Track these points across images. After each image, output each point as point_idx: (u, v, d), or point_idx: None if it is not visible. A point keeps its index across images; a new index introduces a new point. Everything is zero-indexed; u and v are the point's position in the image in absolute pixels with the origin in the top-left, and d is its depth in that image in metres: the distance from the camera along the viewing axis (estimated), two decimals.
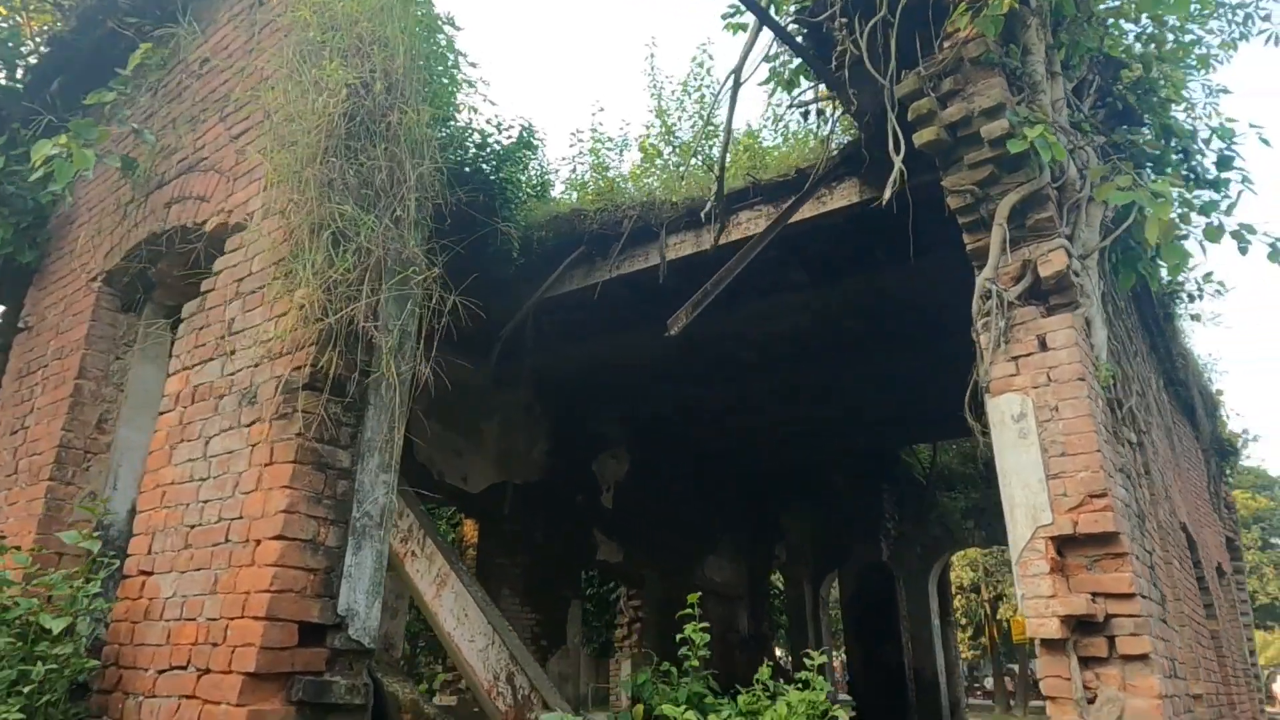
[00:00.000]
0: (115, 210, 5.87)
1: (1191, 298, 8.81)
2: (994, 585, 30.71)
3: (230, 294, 4.52)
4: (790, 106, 7.23)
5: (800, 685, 4.40)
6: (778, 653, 19.74)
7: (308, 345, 3.84)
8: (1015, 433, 4.48)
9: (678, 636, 4.38)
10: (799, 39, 5.14)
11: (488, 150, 6.44)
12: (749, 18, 5.49)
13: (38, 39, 7.02)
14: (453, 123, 6.06)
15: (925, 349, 9.35)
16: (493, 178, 6.29)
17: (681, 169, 9.74)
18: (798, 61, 5.71)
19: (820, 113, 6.75)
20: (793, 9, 5.14)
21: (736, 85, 5.67)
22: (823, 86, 5.99)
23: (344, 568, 3.76)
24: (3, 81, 6.88)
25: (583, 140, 9.92)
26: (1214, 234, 4.62)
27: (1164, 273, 5.68)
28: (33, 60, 6.92)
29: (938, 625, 15.67)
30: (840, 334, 9.02)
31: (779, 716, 3.79)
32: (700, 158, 10.34)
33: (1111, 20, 5.66)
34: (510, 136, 6.80)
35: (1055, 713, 4.09)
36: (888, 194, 4.94)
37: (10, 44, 6.96)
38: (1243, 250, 4.65)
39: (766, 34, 5.44)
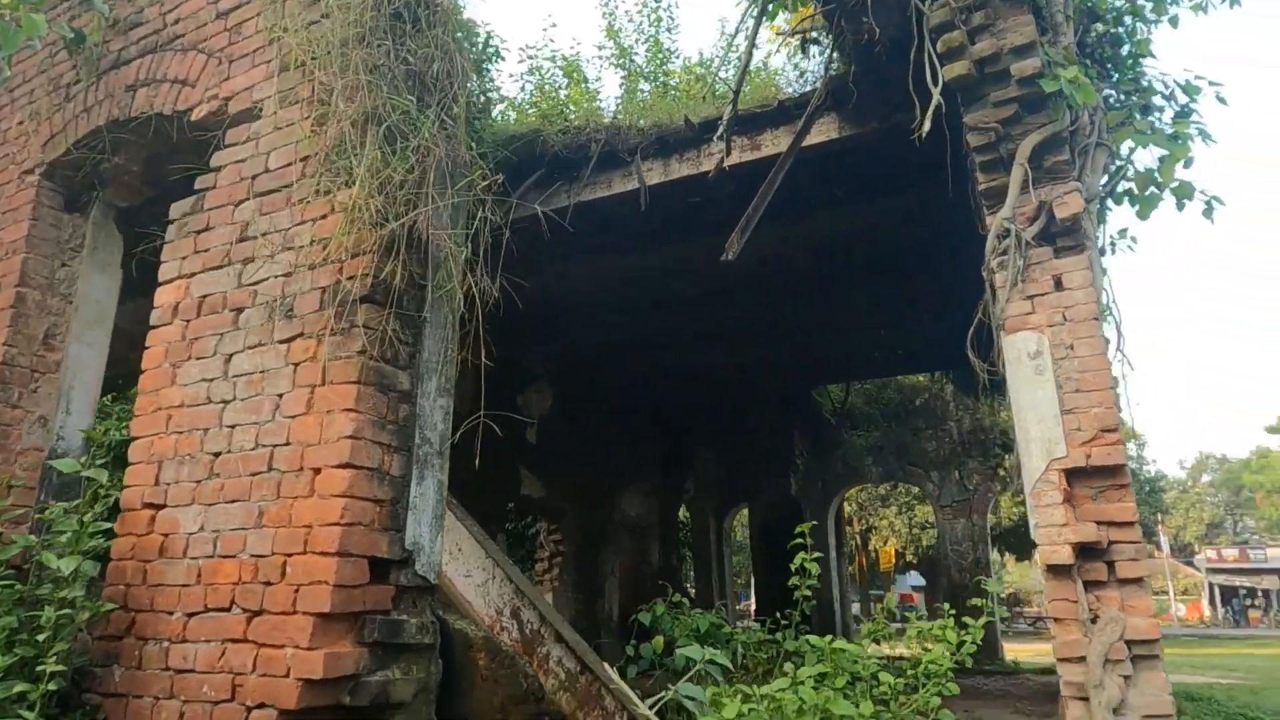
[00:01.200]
0: (54, 92, 5.05)
1: (1103, 251, 9.34)
2: (865, 519, 32.52)
3: (239, 194, 3.97)
4: (783, 34, 7.05)
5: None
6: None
7: (365, 253, 3.41)
8: (1031, 369, 4.58)
9: (793, 564, 4.23)
10: None
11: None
12: None
13: None
14: None
15: (864, 291, 9.55)
16: None
17: (644, 94, 9.40)
18: None
19: (806, 45, 6.64)
20: None
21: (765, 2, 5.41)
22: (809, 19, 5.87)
23: (409, 499, 3.43)
24: None
25: (534, 58, 9.38)
26: (1187, 190, 4.82)
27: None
28: None
29: (835, 556, 16.45)
30: (788, 273, 9.03)
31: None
32: (658, 83, 10.01)
33: None
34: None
35: (1061, 633, 4.27)
36: (926, 125, 4.87)
37: None
38: (1180, 207, 4.90)
39: None
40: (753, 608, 19.79)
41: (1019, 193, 4.58)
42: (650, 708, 2.35)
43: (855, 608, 41.52)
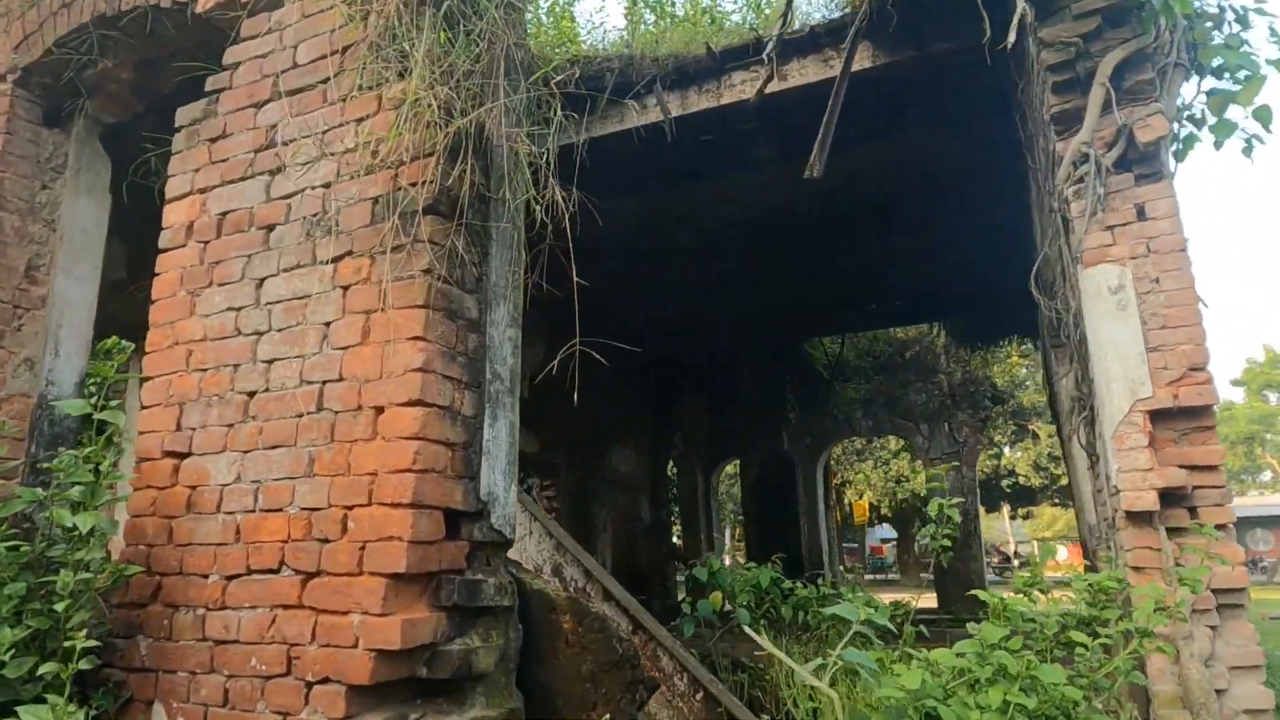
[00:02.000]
0: None
1: None
2: (841, 472, 32.64)
3: (262, 93, 3.42)
4: None
5: None
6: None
7: (426, 156, 2.90)
8: (1113, 304, 4.25)
9: (931, 511, 3.87)
10: None
11: None
12: None
13: None
14: None
15: (873, 238, 9.17)
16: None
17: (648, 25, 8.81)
18: None
19: None
20: None
21: None
22: None
23: (482, 442, 2.97)
24: None
25: None
26: (1266, 116, 4.47)
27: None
28: None
29: (823, 509, 16.35)
30: (796, 222, 8.62)
31: None
32: (665, 15, 9.40)
33: None
34: None
35: (1140, 582, 4.02)
36: (1012, 36, 4.44)
37: None
38: (1218, 145, 4.58)
39: None
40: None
41: (1099, 115, 4.22)
42: (815, 673, 1.96)
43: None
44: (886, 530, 35.85)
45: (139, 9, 3.93)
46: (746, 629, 2.73)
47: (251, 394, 3.10)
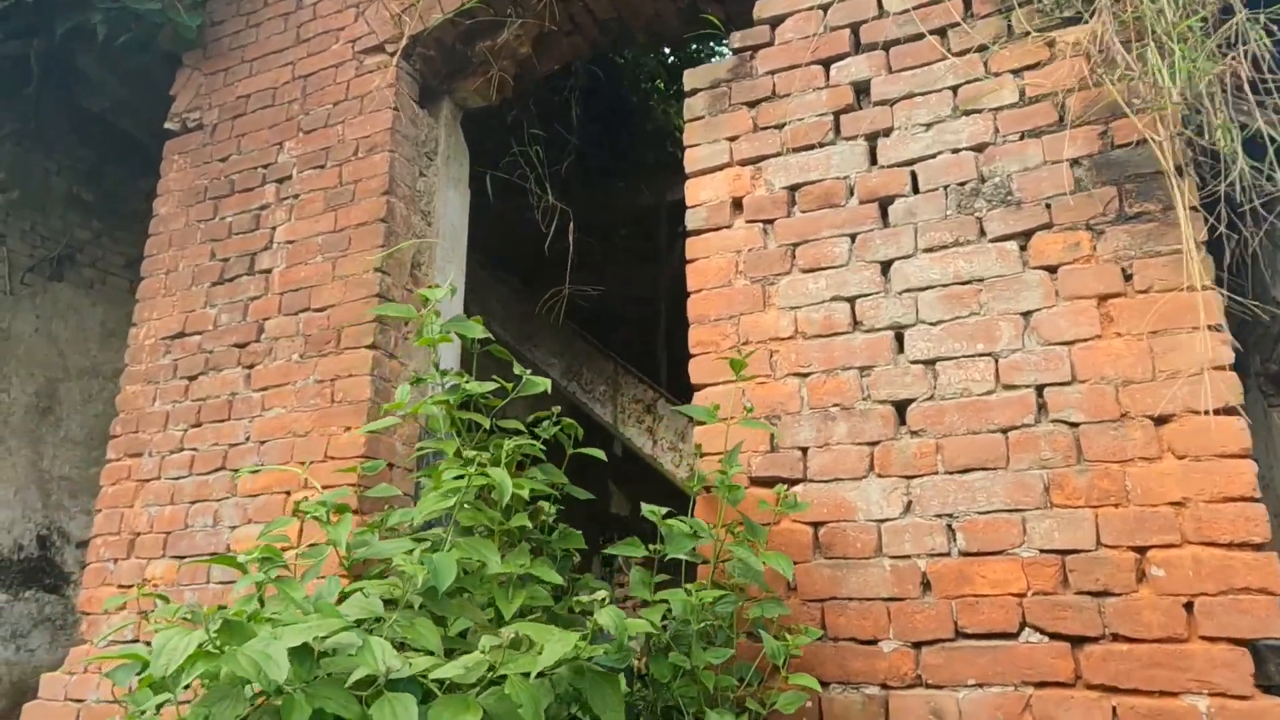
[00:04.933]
0: None
1: None
2: None
3: (834, 47, 2.82)
4: None
5: None
6: None
7: (1153, 110, 2.30)
8: None
9: None
10: None
11: None
12: None
13: None
14: None
15: None
16: None
17: None
18: None
19: None
20: None
21: None
22: None
23: None
24: None
25: None
26: None
27: None
28: None
29: None
30: None
31: None
32: None
33: None
34: None
35: None
36: None
37: None
38: None
39: None
40: None
41: None
42: None
43: None
44: None
45: None
46: None
47: (903, 402, 2.41)
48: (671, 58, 6.92)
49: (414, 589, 1.57)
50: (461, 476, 1.77)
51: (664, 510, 2.18)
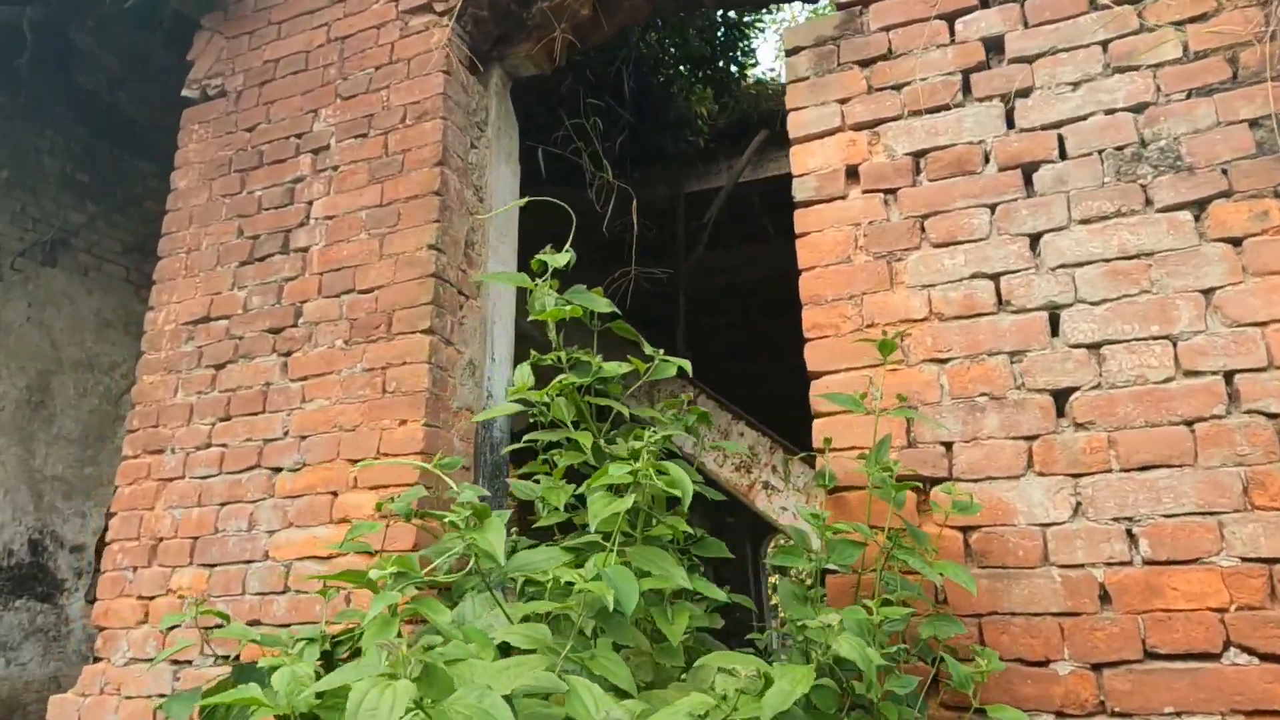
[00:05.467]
0: None
1: None
2: None
3: (937, 4, 2.56)
4: None
5: None
6: None
7: None
8: None
9: None
10: None
11: None
12: None
13: None
14: None
15: None
16: None
17: None
18: None
19: None
20: None
21: None
22: None
23: None
24: None
25: None
26: None
27: None
28: None
29: None
30: None
31: None
32: None
33: None
34: None
35: None
36: None
37: None
38: None
39: None
40: None
41: None
42: None
43: None
44: None
45: None
46: None
47: (1065, 391, 2.14)
48: (698, 40, 6.63)
49: (588, 611, 1.28)
50: (633, 473, 1.47)
51: (823, 513, 1.89)
